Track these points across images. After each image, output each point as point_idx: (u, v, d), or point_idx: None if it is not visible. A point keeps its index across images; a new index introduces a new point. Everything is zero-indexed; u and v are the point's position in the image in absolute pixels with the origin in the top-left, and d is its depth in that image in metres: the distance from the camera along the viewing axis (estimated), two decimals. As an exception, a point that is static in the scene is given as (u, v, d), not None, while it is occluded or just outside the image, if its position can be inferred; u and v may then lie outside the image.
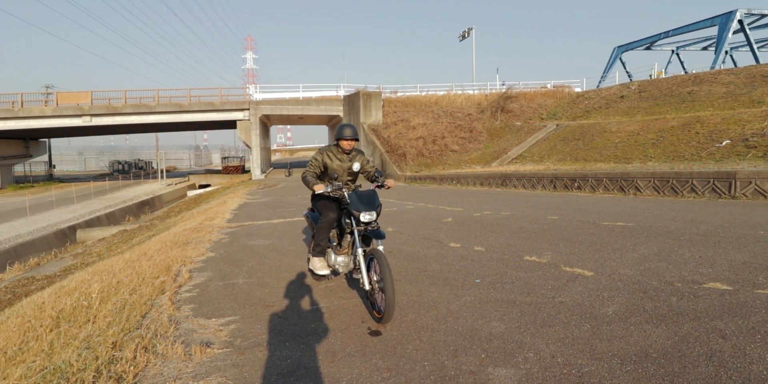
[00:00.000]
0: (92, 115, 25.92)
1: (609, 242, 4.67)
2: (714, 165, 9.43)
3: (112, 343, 2.61)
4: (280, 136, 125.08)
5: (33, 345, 2.94)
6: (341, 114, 26.15)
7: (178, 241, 6.00)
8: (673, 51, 32.06)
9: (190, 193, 27.08)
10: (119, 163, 51.05)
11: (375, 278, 2.84)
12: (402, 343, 2.49)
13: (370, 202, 2.98)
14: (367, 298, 3.02)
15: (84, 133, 36.09)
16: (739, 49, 29.62)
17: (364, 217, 2.89)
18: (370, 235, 2.97)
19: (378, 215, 3.00)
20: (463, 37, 35.98)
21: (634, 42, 31.36)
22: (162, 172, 31.14)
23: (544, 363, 2.20)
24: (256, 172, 26.70)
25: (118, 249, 9.78)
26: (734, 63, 29.71)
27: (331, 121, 31.58)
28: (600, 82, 30.05)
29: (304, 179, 3.26)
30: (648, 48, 31.28)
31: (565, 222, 6.08)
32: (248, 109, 26.10)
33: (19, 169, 36.30)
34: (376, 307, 2.84)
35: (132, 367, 2.29)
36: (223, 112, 26.67)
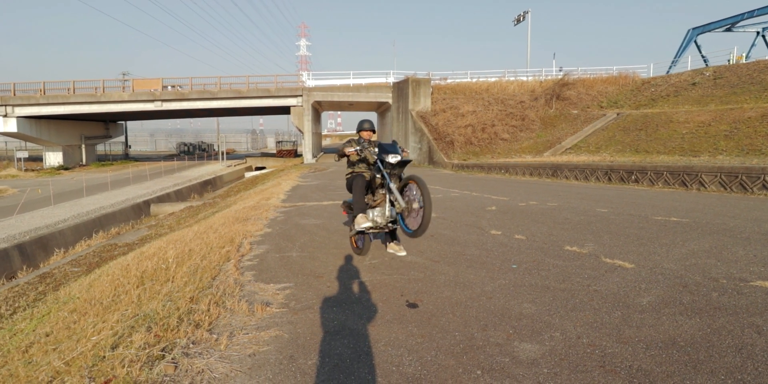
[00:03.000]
0: (162, 101, 28.08)
1: (657, 237, 4.57)
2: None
3: (190, 297, 3.09)
4: (331, 121, 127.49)
5: (123, 298, 3.51)
6: (390, 101, 26.29)
7: (239, 218, 6.60)
8: (758, 33, 28.52)
9: (248, 175, 28.79)
10: (185, 144, 54.92)
11: (412, 198, 3.43)
12: (436, 316, 2.74)
13: (393, 148, 3.62)
14: (402, 219, 3.54)
15: (155, 117, 39.20)
16: None
17: (392, 158, 3.47)
18: (397, 166, 3.55)
19: (404, 166, 3.60)
20: (518, 21, 34.39)
21: (713, 23, 28.29)
22: (222, 154, 33.25)
23: (569, 342, 2.35)
24: (308, 157, 27.74)
25: (186, 222, 10.82)
26: (838, 45, 25.97)
27: (380, 107, 31.83)
28: (670, 67, 27.61)
29: (337, 152, 3.98)
30: (728, 29, 28.09)
31: (614, 215, 5.94)
32: (301, 96, 26.98)
33: (100, 148, 40.28)
34: (410, 225, 3.45)
35: (207, 317, 2.73)
36: (278, 98, 27.80)
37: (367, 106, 31.86)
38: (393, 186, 3.50)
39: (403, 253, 3.97)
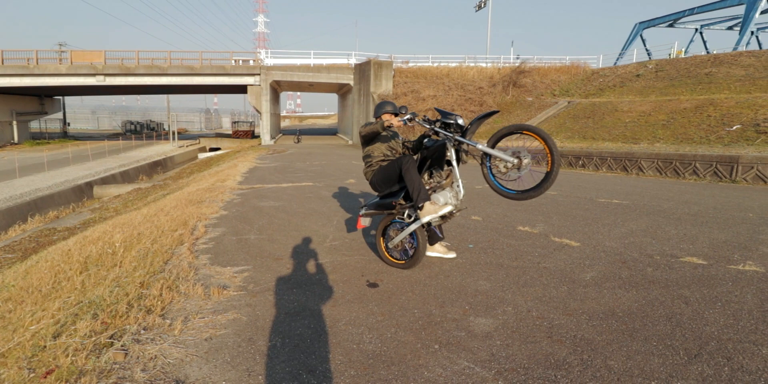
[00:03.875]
0: (106, 75, 25.86)
1: (601, 217, 4.89)
2: (720, 149, 9.43)
3: (140, 282, 2.94)
4: (290, 102, 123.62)
5: (65, 285, 3.29)
6: (352, 83, 25.84)
7: (192, 200, 6.32)
8: (696, 29, 30.65)
9: (201, 156, 27.48)
10: (131, 123, 51.25)
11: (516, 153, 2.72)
12: (396, 294, 2.80)
13: (449, 113, 2.96)
14: (497, 181, 2.87)
15: (97, 93, 36.11)
16: (766, 30, 28.26)
17: (460, 119, 2.88)
18: (465, 130, 2.89)
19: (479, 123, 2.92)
20: (479, 7, 34.58)
21: (657, 18, 30.00)
22: (173, 133, 31.41)
23: (520, 316, 2.49)
24: (266, 138, 26.85)
25: (134, 205, 10.21)
26: (759, 44, 28.43)
27: (341, 89, 31.23)
28: (618, 59, 29.08)
29: (367, 127, 3.12)
30: (671, 25, 29.94)
31: (562, 197, 6.28)
32: (259, 75, 25.84)
33: (34, 125, 36.71)
34: (514, 185, 2.77)
35: (159, 302, 2.63)
36: (234, 76, 26.45)
37: (327, 87, 31.14)
38: (486, 147, 2.80)
39: (453, 255, 3.45)
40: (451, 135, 2.87)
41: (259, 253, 3.68)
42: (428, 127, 2.98)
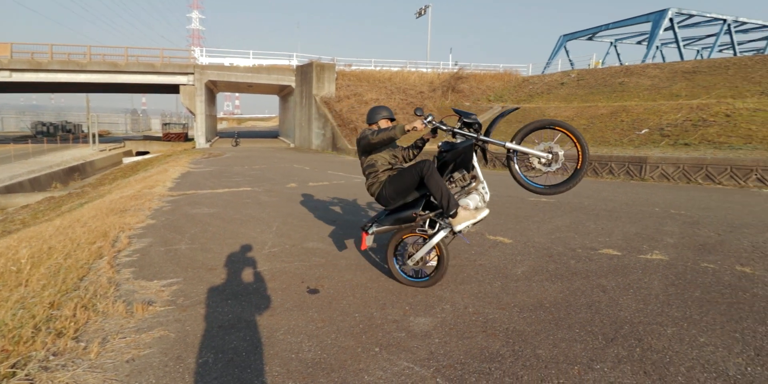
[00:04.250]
0: (12, 70, 22.94)
1: (531, 215, 5.22)
2: (632, 150, 10.51)
3: (49, 303, 2.63)
4: (228, 104, 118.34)
5: (-45, 310, 2.86)
6: (293, 84, 25.32)
7: (114, 208, 5.80)
8: (611, 43, 34.04)
9: (127, 160, 25.32)
10: (43, 124, 45.86)
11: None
12: (337, 299, 2.76)
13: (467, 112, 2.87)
14: (525, 177, 2.84)
15: (3, 90, 31.95)
16: (669, 45, 32.07)
17: (474, 117, 2.82)
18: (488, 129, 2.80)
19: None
20: (420, 14, 35.61)
21: (578, 32, 32.86)
22: (94, 136, 28.65)
23: (458, 312, 2.57)
24: (201, 141, 25.40)
25: (45, 216, 9.14)
26: (663, 58, 32.25)
27: (282, 91, 30.47)
28: (545, 68, 31.42)
29: (379, 134, 2.80)
30: (590, 38, 32.96)
31: (496, 197, 6.61)
32: (193, 74, 24.41)
33: None
34: (545, 180, 2.78)
35: (72, 324, 2.37)
36: (164, 74, 24.73)
37: (268, 88, 30.21)
38: (515, 145, 2.75)
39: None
40: (475, 135, 2.74)
41: (191, 263, 3.46)
42: (446, 128, 2.80)
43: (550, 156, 2.71)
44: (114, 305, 2.61)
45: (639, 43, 33.96)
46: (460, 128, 2.79)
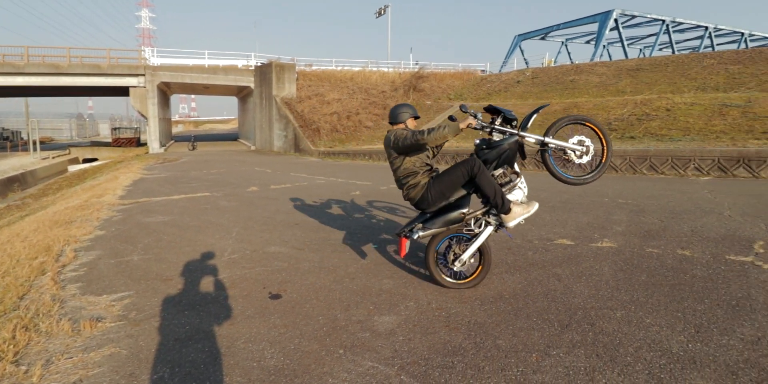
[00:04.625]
0: (-70, 72, 20.94)
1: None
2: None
3: (-18, 326, 2.42)
4: (183, 106, 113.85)
5: None
6: (252, 85, 24.68)
7: (59, 220, 5.42)
8: (562, 42, 35.63)
9: (72, 168, 23.76)
10: (-26, 132, 42.21)
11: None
12: (300, 303, 2.72)
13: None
14: (558, 168, 2.92)
15: None
16: (614, 44, 33.95)
17: (513, 114, 2.84)
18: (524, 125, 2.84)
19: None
20: (380, 13, 35.74)
21: (532, 32, 34.15)
22: (35, 143, 26.64)
23: (421, 309, 2.60)
24: (154, 146, 24.24)
25: (-21, 233, 8.39)
26: (609, 56, 34.09)
27: (241, 92, 29.63)
28: (502, 67, 32.43)
29: (431, 134, 2.66)
30: (543, 38, 34.34)
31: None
32: (144, 75, 23.22)
33: None
34: (574, 171, 2.93)
35: (11, 346, 2.19)
36: (112, 76, 23.37)
37: (225, 90, 29.28)
38: (554, 140, 2.81)
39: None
40: (516, 132, 2.78)
41: (144, 275, 3.29)
42: (486, 125, 2.79)
43: (584, 149, 2.84)
44: (59, 324, 2.44)
45: (588, 42, 35.74)
46: (500, 125, 2.82)
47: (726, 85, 14.19)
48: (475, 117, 2.68)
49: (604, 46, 30.58)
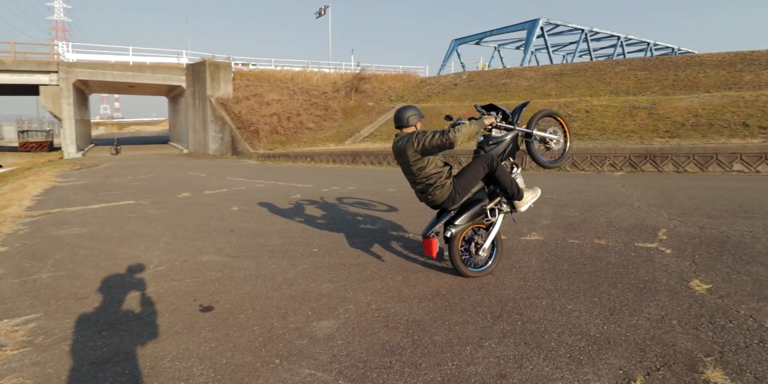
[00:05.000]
0: None
1: (429, 209, 5.50)
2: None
3: None
4: (105, 106, 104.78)
5: None
6: (184, 85, 23.23)
7: (-53, 238, 4.71)
8: (495, 48, 37.62)
9: (-31, 178, 20.81)
10: None
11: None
12: (234, 314, 2.60)
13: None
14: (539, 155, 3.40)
15: None
16: (541, 50, 36.47)
17: (508, 112, 3.28)
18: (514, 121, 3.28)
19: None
20: (320, 14, 35.36)
21: (468, 37, 35.68)
22: None
23: (361, 311, 2.59)
24: (70, 150, 21.95)
25: None
26: (537, 62, 36.53)
27: (171, 91, 27.78)
28: (440, 70, 33.55)
29: (459, 134, 2.75)
30: (478, 43, 36.02)
31: (400, 194, 6.86)
32: (57, 72, 20.93)
33: None
34: (549, 156, 3.52)
35: None
36: (18, 73, 20.78)
37: (154, 89, 27.31)
38: (538, 131, 3.32)
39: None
40: (514, 127, 3.18)
41: (54, 294, 2.96)
42: (500, 123, 3.14)
43: (557, 138, 3.46)
44: (-59, 358, 2.11)
45: (518, 48, 38.04)
46: (500, 121, 3.19)
47: (635, 89, 15.82)
48: (492, 115, 3.08)
49: (532, 52, 32.73)
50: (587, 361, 1.96)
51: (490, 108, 3.25)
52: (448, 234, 2.88)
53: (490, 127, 3.05)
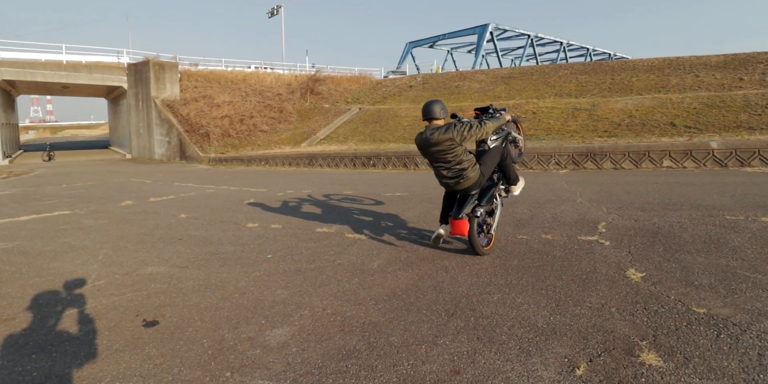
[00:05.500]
0: None
1: (386, 209, 5.54)
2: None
3: None
4: (36, 109, 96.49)
5: None
6: (125, 85, 21.84)
7: None
8: (448, 51, 38.65)
9: None
10: None
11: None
12: (181, 328, 2.46)
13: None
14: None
15: None
16: (491, 54, 37.92)
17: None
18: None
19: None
20: (273, 13, 34.59)
21: (422, 40, 36.41)
22: None
23: (316, 316, 2.55)
24: (-5, 157, 19.99)
25: None
26: (488, 65, 37.97)
27: (111, 93, 26.03)
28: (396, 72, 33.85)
29: (486, 124, 3.32)
30: (431, 46, 36.83)
31: (356, 194, 6.84)
32: (-27, 71, 19.00)
33: None
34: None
35: None
36: None
37: (92, 90, 25.44)
38: (516, 133, 4.11)
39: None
40: (505, 128, 3.80)
41: (-28, 317, 2.66)
42: (509, 120, 3.78)
43: (520, 138, 4.21)
44: None
45: (469, 52, 39.28)
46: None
47: (577, 92, 16.83)
48: (509, 113, 3.73)
49: (483, 56, 33.96)
50: (535, 351, 2.05)
51: (484, 110, 3.85)
52: (479, 213, 3.33)
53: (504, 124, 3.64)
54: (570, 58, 38.36)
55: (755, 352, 1.94)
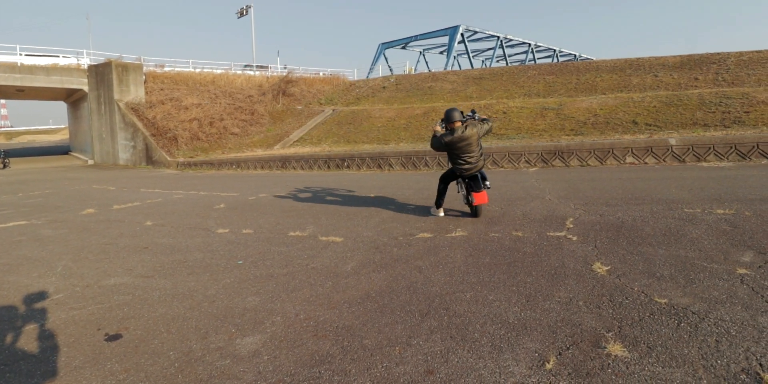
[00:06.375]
0: None
1: (360, 212, 5.52)
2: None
3: None
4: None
5: None
6: (86, 88, 20.87)
7: None
8: (421, 52, 38.96)
9: None
10: None
11: None
12: (146, 340, 2.36)
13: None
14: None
15: None
16: (462, 55, 38.47)
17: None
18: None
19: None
20: (242, 14, 33.94)
21: (394, 41, 36.53)
22: None
23: (289, 322, 2.50)
24: (-58, 166, 18.70)
25: None
26: (459, 66, 38.49)
27: (71, 96, 24.80)
28: (369, 73, 33.93)
29: (491, 123, 5.05)
30: (404, 47, 37.03)
31: (330, 197, 6.78)
32: None
33: None
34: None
35: None
36: None
37: (49, 93, 24.16)
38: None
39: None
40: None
41: None
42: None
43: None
44: None
45: (441, 53, 39.70)
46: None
47: (545, 92, 17.30)
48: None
49: (454, 57, 34.38)
50: (507, 347, 2.08)
51: (474, 111, 5.05)
52: (489, 185, 4.60)
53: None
54: (538, 58, 39.42)
55: (713, 338, 2.03)
